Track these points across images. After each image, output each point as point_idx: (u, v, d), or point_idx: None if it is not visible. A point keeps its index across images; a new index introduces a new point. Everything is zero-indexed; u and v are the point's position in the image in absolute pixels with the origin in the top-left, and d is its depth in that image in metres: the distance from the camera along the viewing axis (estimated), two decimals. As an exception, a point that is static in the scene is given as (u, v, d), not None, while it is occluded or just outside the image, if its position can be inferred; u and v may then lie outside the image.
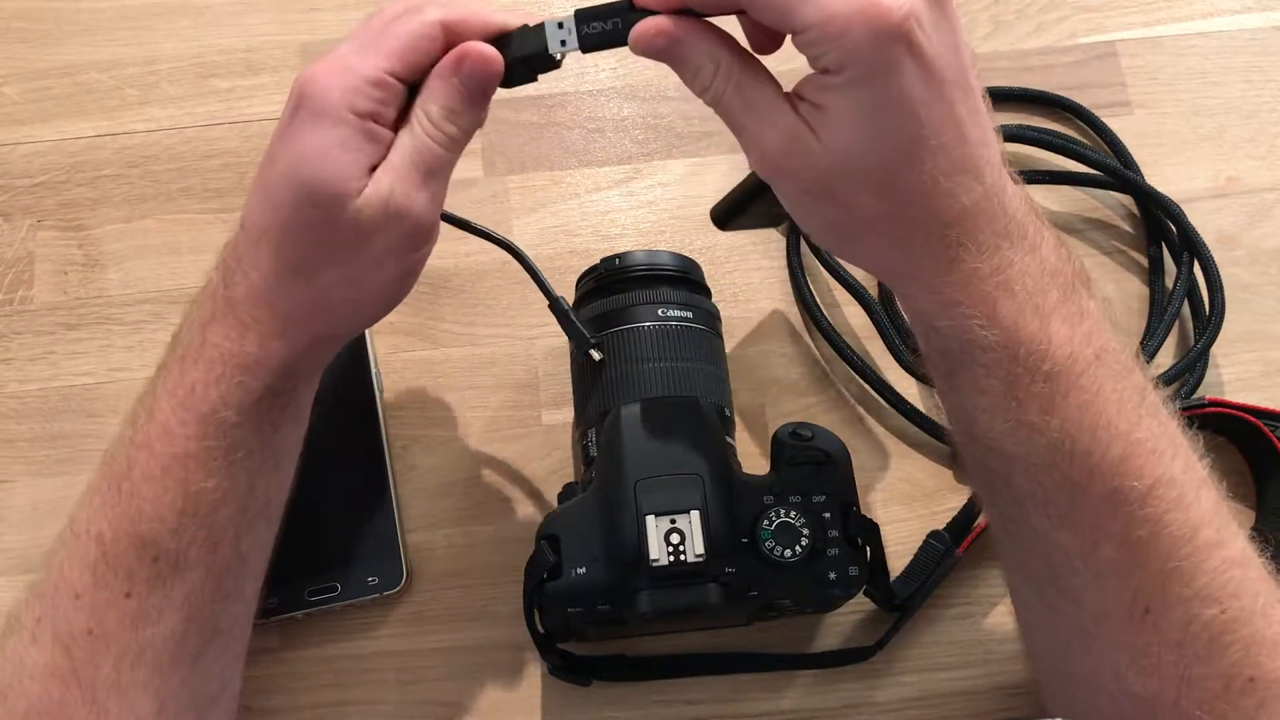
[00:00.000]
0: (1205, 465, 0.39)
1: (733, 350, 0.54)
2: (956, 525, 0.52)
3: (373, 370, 0.56)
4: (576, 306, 0.53)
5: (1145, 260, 0.61)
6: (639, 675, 0.51)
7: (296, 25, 0.65)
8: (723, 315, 0.53)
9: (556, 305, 0.50)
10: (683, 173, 0.62)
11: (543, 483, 0.55)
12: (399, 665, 0.52)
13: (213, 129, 0.63)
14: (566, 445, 0.56)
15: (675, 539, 0.42)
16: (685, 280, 0.51)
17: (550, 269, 0.49)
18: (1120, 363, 0.38)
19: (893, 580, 0.51)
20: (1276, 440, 0.53)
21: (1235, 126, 0.63)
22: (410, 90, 0.39)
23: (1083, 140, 0.63)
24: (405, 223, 0.39)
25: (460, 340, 0.58)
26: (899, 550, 0.53)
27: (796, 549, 0.44)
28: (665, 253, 0.51)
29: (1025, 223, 0.38)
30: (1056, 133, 0.62)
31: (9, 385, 0.57)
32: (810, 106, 0.36)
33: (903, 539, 0.53)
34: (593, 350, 0.49)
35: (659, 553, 0.42)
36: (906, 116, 0.35)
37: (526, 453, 0.56)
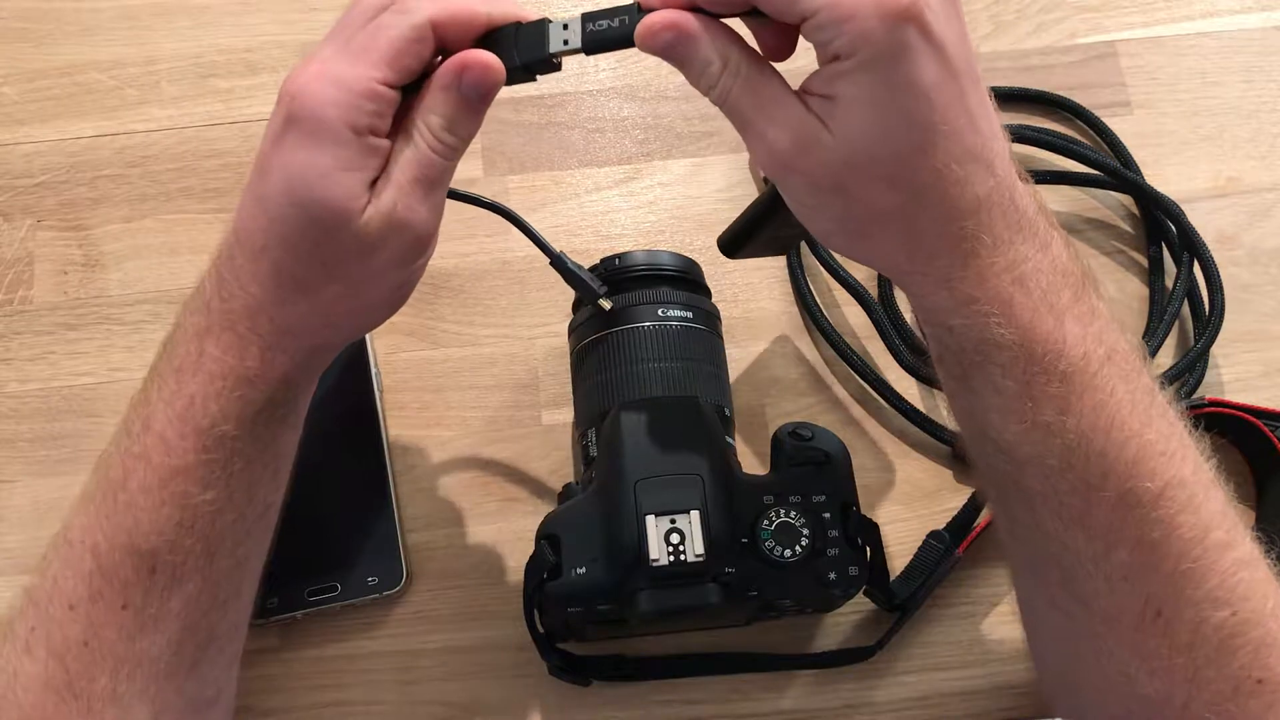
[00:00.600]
0: (1212, 466, 0.39)
1: (733, 350, 0.54)
2: (956, 525, 0.52)
3: (373, 370, 0.56)
4: (576, 306, 0.53)
5: (1145, 260, 0.61)
6: (639, 675, 0.51)
7: (296, 25, 0.65)
8: (723, 315, 0.53)
9: (559, 261, 0.49)
10: (683, 173, 0.62)
11: (543, 483, 0.55)
12: (399, 665, 0.52)
13: (212, 129, 0.63)
14: (566, 445, 0.56)
15: (675, 539, 0.42)
16: (685, 280, 0.51)
17: (550, 268, 0.49)
18: (1130, 364, 0.38)
19: (893, 580, 0.51)
20: (1276, 440, 0.53)
21: (1235, 126, 0.63)
22: (402, 90, 0.38)
23: (1083, 140, 0.63)
24: (408, 235, 0.38)
25: (460, 340, 0.58)
26: (899, 550, 0.53)
27: (796, 549, 0.44)
28: (665, 253, 0.51)
29: (1036, 220, 0.38)
30: (1056, 133, 0.62)
31: (9, 385, 0.57)
32: (820, 99, 0.36)
33: (903, 539, 0.53)
34: (603, 300, 0.48)
35: (659, 553, 0.42)
36: (919, 100, 0.34)
37: (526, 453, 0.56)
